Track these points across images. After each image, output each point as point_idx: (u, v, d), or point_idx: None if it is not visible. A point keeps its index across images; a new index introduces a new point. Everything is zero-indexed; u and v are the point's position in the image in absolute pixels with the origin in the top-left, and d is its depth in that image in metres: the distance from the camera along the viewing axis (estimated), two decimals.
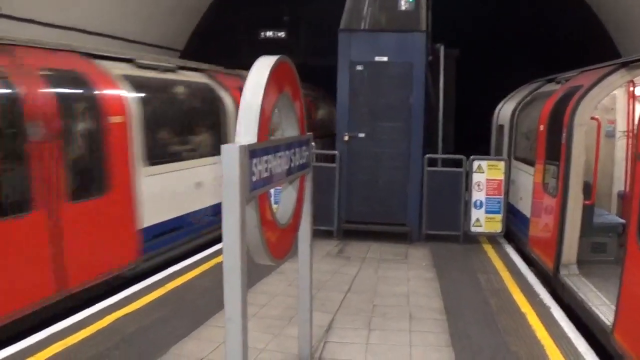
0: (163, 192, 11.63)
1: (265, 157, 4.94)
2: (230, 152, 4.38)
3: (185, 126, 13.64)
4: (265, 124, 4.91)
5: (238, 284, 4.50)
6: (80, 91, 9.89)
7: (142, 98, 11.16)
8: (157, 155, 11.56)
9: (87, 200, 9.49)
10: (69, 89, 9.62)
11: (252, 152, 4.60)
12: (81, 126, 9.84)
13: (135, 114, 10.69)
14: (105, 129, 9.97)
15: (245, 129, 4.74)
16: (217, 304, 4.48)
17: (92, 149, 9.95)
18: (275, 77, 5.14)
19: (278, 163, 5.30)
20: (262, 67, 5.06)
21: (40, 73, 8.88)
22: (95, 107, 9.94)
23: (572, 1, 21.25)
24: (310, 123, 10.78)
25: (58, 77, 9.36)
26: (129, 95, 10.69)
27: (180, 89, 13.58)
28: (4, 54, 8.40)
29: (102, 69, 10.53)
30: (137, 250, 10.73)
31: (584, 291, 9.27)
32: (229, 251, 4.47)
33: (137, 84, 11.23)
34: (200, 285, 9.99)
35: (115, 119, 10.18)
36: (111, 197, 10.00)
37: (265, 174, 4.93)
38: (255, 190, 4.72)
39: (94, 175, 9.94)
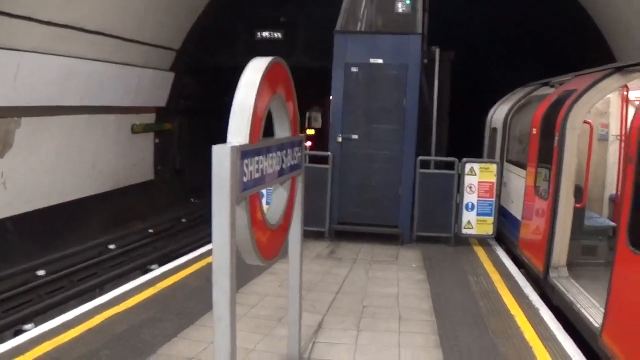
0: None
1: (256, 158, 4.94)
2: (221, 153, 4.38)
3: None
4: (257, 124, 4.91)
5: (227, 284, 4.50)
6: None
7: None
8: None
9: None
10: None
11: (243, 153, 4.61)
12: None
13: None
14: None
15: (237, 129, 4.74)
16: (207, 304, 4.52)
17: None
18: (268, 79, 5.14)
19: (269, 164, 5.31)
20: (256, 68, 5.05)
21: None
22: None
23: (568, 5, 21.24)
24: None
25: None
26: None
27: None
28: None
29: None
30: None
31: (573, 293, 9.29)
32: (219, 251, 4.47)
33: None
34: (190, 284, 9.96)
35: None
36: None
37: (256, 175, 4.94)
38: (246, 191, 4.72)
39: None
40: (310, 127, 35.21)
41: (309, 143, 28.76)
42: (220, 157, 4.38)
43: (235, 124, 4.76)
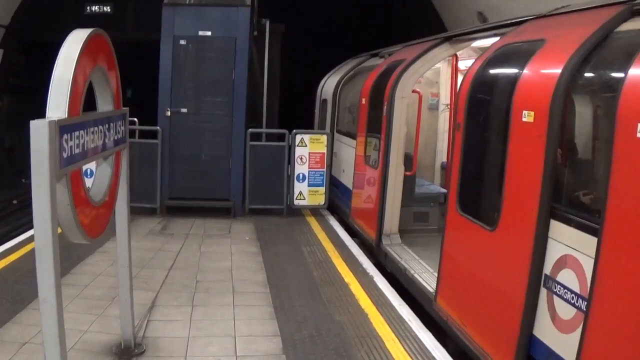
0: None
1: (77, 133, 4.80)
2: (39, 128, 4.23)
3: None
4: (77, 98, 4.75)
5: (50, 264, 4.36)
6: None
7: None
8: None
9: None
10: None
11: (62, 128, 4.46)
12: None
13: None
14: None
15: (56, 103, 4.56)
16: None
17: None
18: (88, 51, 4.98)
19: (91, 139, 5.16)
20: (75, 41, 4.88)
21: None
22: None
23: None
24: None
25: None
26: None
27: None
28: None
29: None
30: None
31: (406, 259, 9.50)
32: (40, 231, 4.36)
33: None
34: (22, 267, 9.49)
35: None
36: None
37: (77, 150, 4.80)
38: (67, 167, 4.59)
39: None
40: None
41: None
42: (39, 132, 4.25)
43: (54, 98, 4.58)
